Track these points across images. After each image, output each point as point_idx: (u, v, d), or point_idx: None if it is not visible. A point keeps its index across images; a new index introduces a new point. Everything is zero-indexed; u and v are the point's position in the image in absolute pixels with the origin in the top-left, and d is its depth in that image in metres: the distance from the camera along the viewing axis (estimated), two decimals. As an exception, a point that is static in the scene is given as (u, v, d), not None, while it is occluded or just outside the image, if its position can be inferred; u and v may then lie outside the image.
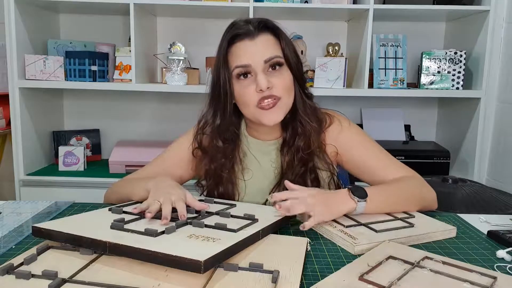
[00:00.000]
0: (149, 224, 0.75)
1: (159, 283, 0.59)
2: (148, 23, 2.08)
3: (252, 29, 0.95)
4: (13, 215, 0.92)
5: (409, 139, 2.22)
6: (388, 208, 0.93)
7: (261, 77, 0.93)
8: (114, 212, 0.83)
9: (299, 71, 1.00)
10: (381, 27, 2.09)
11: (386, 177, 1.00)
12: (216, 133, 1.02)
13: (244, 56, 0.95)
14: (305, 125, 1.01)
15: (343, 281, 0.62)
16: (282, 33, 0.99)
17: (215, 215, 0.84)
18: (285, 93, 0.97)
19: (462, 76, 1.92)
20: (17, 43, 1.84)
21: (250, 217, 0.81)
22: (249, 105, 0.97)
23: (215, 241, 0.66)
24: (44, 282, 0.58)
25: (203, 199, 0.96)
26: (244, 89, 0.96)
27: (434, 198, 1.01)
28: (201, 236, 0.69)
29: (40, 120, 2.04)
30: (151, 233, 0.68)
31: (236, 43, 0.96)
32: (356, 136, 1.05)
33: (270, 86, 0.94)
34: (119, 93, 2.22)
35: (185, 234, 0.69)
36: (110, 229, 0.71)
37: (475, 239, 0.84)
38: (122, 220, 0.75)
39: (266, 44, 0.96)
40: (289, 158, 1.01)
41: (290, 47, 0.98)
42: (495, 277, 0.64)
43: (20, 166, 1.91)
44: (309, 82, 2.03)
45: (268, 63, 0.95)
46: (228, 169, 1.03)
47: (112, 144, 2.19)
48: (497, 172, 1.87)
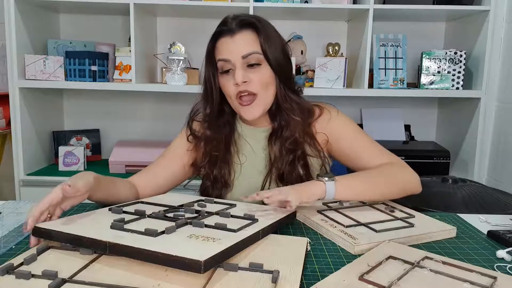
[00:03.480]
0: (149, 224, 0.74)
1: (159, 283, 0.59)
2: (148, 23, 2.08)
3: (233, 26, 1.01)
4: (13, 215, 0.92)
5: (409, 139, 2.22)
6: (365, 192, 0.97)
7: (238, 72, 0.99)
8: (114, 212, 0.83)
9: (281, 68, 1.03)
10: (381, 27, 2.09)
11: (370, 164, 1.04)
12: (208, 120, 1.09)
13: (225, 52, 1.01)
14: (289, 119, 1.05)
15: (343, 281, 0.62)
16: (264, 29, 1.01)
17: (215, 215, 0.84)
18: (262, 89, 1.01)
19: (462, 76, 1.92)
20: (17, 43, 1.84)
21: (250, 217, 0.81)
22: (231, 97, 1.03)
23: (215, 241, 0.66)
24: (44, 282, 0.58)
25: (203, 199, 0.96)
26: (226, 82, 1.02)
27: (417, 181, 1.03)
28: (201, 236, 0.68)
29: (40, 120, 2.04)
30: (151, 233, 0.68)
31: (220, 39, 1.02)
32: (344, 124, 1.10)
33: (247, 81, 0.99)
34: (119, 93, 2.22)
35: (185, 234, 0.69)
36: (110, 229, 0.71)
37: (475, 239, 0.84)
38: (122, 220, 0.75)
39: (245, 41, 1.00)
40: (277, 148, 1.07)
41: (271, 43, 1.01)
42: (495, 277, 0.64)
43: (20, 166, 1.91)
44: (309, 82, 2.04)
45: (246, 59, 0.99)
46: (222, 149, 1.08)
47: (112, 144, 2.19)
48: (497, 172, 1.87)
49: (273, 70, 1.02)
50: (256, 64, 1.00)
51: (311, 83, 2.01)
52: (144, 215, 0.80)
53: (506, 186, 1.75)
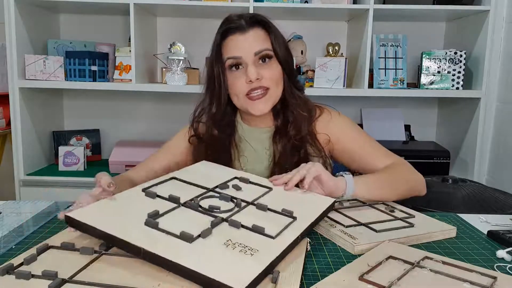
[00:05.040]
0: (184, 219, 0.71)
1: (159, 283, 0.59)
2: (148, 23, 2.08)
3: (244, 23, 1.01)
4: (13, 215, 0.92)
5: (409, 139, 2.22)
6: (382, 190, 0.98)
7: (251, 69, 0.99)
8: (148, 196, 0.79)
9: (288, 64, 1.05)
10: (381, 27, 2.09)
11: (376, 164, 1.05)
12: (212, 121, 1.08)
13: (236, 49, 1.00)
14: (295, 114, 1.05)
15: (343, 281, 0.62)
16: (273, 27, 1.03)
17: (251, 205, 0.80)
18: (274, 84, 1.02)
19: (462, 76, 1.92)
20: (17, 43, 1.84)
21: (289, 213, 0.77)
22: (238, 95, 1.02)
23: (253, 254, 0.62)
24: (44, 282, 0.58)
25: (238, 177, 0.93)
26: (235, 80, 1.01)
27: (423, 182, 1.05)
28: (238, 244, 0.65)
29: (40, 120, 2.04)
30: (187, 238, 0.64)
31: (228, 36, 1.02)
32: (346, 125, 1.10)
33: (260, 77, 1.00)
34: (119, 93, 2.22)
35: (221, 240, 0.66)
36: (144, 225, 0.68)
37: (475, 239, 0.84)
38: (157, 213, 0.71)
39: (257, 38, 1.01)
40: (282, 146, 1.06)
41: (280, 41, 1.03)
42: (495, 277, 0.64)
43: (20, 166, 1.91)
44: (309, 82, 2.04)
45: (258, 56, 1.00)
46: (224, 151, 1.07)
47: (112, 144, 2.19)
48: (497, 172, 1.87)
49: (282, 66, 1.03)
50: (267, 61, 1.01)
51: (311, 83, 2.01)
52: (179, 204, 0.76)
53: (506, 186, 1.75)
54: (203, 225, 0.69)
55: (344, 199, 0.97)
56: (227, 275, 0.56)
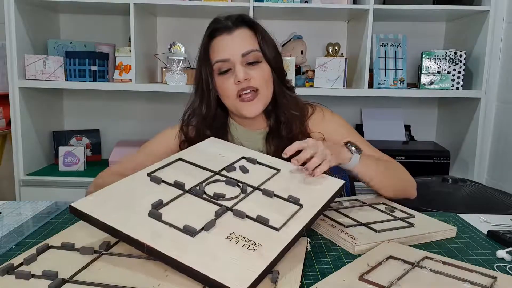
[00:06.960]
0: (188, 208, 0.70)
1: (159, 283, 0.59)
2: (148, 23, 2.08)
3: (230, 24, 1.01)
4: (13, 215, 0.92)
5: (409, 139, 2.22)
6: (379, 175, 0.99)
7: (239, 69, 0.98)
8: (153, 181, 0.78)
9: (277, 64, 1.04)
10: (381, 27, 2.10)
11: None
12: (203, 123, 1.07)
13: (223, 51, 1.00)
14: (287, 114, 1.05)
15: (343, 281, 0.62)
16: (260, 28, 1.03)
17: (257, 191, 0.78)
18: (263, 85, 1.01)
19: (462, 76, 1.92)
20: (17, 43, 1.84)
21: (295, 200, 0.76)
22: (229, 97, 1.01)
23: (255, 250, 0.62)
24: (44, 282, 0.58)
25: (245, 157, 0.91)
26: (224, 82, 1.01)
27: (415, 185, 1.07)
28: (241, 238, 0.65)
29: (40, 120, 2.04)
30: (190, 231, 0.64)
31: (215, 37, 1.02)
32: (339, 124, 1.11)
33: (248, 78, 0.99)
34: (119, 93, 2.22)
35: (225, 233, 0.65)
36: (148, 216, 0.67)
37: (475, 239, 0.84)
38: (160, 203, 0.70)
39: (243, 38, 1.01)
40: (275, 146, 1.05)
41: (267, 41, 1.03)
42: (495, 277, 0.64)
43: (20, 166, 1.91)
44: (309, 82, 2.04)
45: (246, 57, 0.99)
46: None
47: (112, 144, 2.19)
48: (497, 172, 1.87)
49: (271, 67, 1.03)
50: (255, 62, 1.00)
51: (311, 83, 2.01)
52: (184, 191, 0.75)
53: (506, 186, 1.75)
54: (207, 215, 0.68)
55: (344, 167, 0.96)
56: (228, 275, 0.56)
